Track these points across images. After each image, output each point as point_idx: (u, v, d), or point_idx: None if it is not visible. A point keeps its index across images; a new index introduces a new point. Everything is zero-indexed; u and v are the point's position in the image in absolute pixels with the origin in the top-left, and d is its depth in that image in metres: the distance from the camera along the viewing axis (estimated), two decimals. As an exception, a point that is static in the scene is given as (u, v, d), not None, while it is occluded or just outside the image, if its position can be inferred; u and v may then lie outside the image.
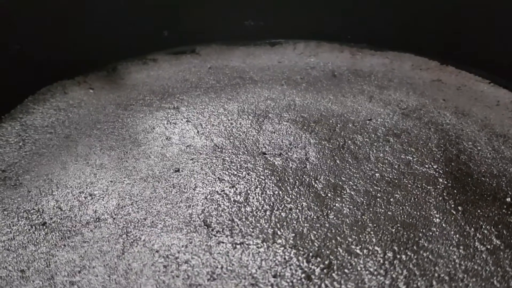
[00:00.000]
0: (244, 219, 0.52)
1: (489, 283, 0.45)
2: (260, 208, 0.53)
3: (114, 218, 0.53)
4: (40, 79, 0.75)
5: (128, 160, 0.61)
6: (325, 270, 0.46)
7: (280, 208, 0.53)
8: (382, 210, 0.53)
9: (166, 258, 0.48)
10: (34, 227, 0.52)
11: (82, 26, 0.78)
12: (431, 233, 0.50)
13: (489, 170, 0.59)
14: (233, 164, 0.59)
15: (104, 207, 0.54)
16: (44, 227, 0.52)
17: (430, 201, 0.54)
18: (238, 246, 0.49)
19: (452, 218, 0.52)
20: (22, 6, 0.71)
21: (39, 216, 0.53)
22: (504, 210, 0.53)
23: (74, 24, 0.77)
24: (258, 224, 0.51)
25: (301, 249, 0.48)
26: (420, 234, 0.50)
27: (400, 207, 0.53)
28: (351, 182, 0.56)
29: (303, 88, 0.75)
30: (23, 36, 0.72)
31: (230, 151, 0.62)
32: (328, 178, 0.57)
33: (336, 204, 0.54)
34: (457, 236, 0.50)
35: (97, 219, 0.53)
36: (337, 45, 0.86)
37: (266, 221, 0.51)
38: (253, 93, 0.74)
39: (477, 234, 0.50)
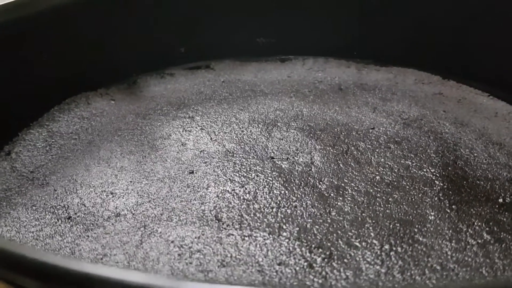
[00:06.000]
0: (252, 215, 0.56)
1: (478, 272, 0.48)
2: (267, 205, 0.57)
3: (133, 214, 0.57)
4: (66, 91, 0.81)
5: (147, 163, 0.66)
6: (326, 260, 0.50)
7: (286, 205, 0.57)
8: (381, 209, 0.57)
9: (180, 248, 0.52)
10: (60, 220, 0.57)
11: (105, 43, 0.84)
12: (425, 229, 0.54)
13: (484, 174, 0.62)
14: (243, 167, 0.64)
15: (124, 204, 0.59)
16: (69, 220, 0.57)
17: (426, 201, 0.58)
18: (246, 238, 0.53)
19: (446, 216, 0.55)
20: (50, 24, 0.77)
21: (65, 211, 0.58)
22: (496, 209, 0.57)
23: (97, 42, 0.83)
24: (265, 219, 0.55)
25: (304, 241, 0.52)
26: (416, 230, 0.54)
27: (398, 206, 0.57)
28: (352, 184, 0.61)
29: (310, 100, 0.79)
30: (50, 51, 0.78)
31: (240, 155, 0.66)
32: (331, 180, 0.61)
33: (338, 203, 0.58)
34: (450, 231, 0.53)
35: (118, 214, 0.57)
36: (344, 61, 0.91)
37: (272, 216, 0.56)
38: (263, 104, 0.78)
39: (469, 230, 0.54)
